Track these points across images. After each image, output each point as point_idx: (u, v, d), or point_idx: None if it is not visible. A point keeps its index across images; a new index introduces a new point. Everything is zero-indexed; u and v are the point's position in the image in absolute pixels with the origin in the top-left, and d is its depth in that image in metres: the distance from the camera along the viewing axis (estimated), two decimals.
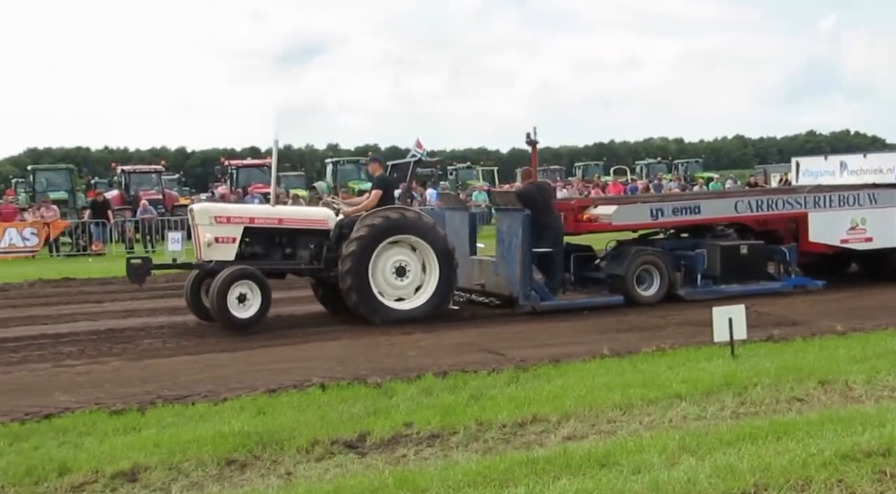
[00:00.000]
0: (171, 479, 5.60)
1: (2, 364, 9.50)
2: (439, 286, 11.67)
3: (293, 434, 6.33)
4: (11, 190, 40.25)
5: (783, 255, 13.58)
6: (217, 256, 11.30)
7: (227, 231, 11.42)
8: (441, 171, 47.19)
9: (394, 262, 11.55)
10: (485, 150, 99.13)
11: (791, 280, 13.53)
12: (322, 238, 11.78)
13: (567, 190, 37.18)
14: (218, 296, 10.77)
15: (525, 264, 11.82)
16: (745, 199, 13.74)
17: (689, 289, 12.90)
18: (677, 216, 13.19)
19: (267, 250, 11.79)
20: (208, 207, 12.32)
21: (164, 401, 7.52)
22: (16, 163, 77.71)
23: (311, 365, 9.01)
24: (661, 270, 12.68)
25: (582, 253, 13.42)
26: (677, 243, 13.55)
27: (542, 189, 12.96)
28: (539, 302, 11.96)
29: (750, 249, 13.30)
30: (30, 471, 5.65)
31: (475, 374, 8.26)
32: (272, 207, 12.47)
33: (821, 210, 13.75)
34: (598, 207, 13.32)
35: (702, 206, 13.39)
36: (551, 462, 5.41)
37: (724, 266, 13.02)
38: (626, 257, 12.70)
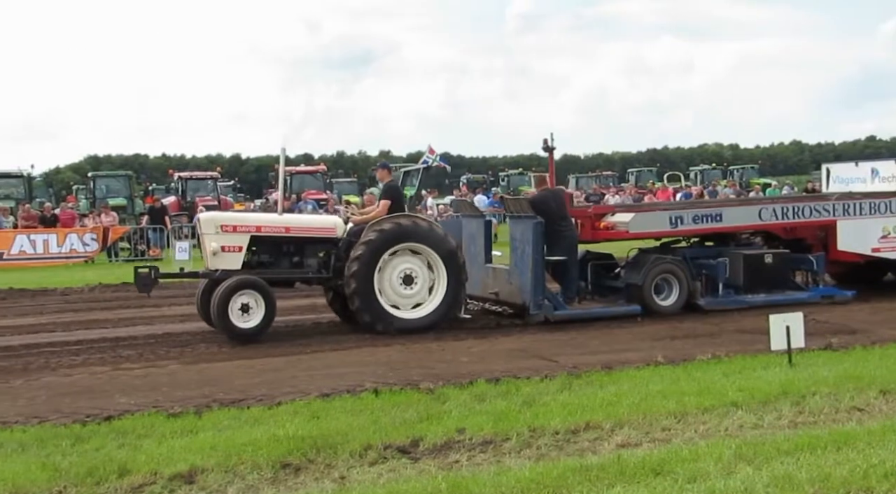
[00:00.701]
0: (227, 482, 5.68)
1: (63, 366, 9.72)
2: (448, 295, 11.47)
3: (346, 439, 6.37)
4: (73, 196, 41.18)
5: (810, 264, 13.17)
6: (223, 265, 11.18)
7: (234, 240, 11.27)
8: (493, 177, 47.20)
9: (401, 271, 11.37)
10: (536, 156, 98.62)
11: (818, 290, 13.11)
12: (330, 246, 11.62)
13: (620, 196, 36.94)
14: (219, 306, 10.65)
15: (537, 272, 11.56)
16: (769, 207, 13.27)
17: (709, 299, 12.57)
18: (698, 224, 12.80)
19: (274, 259, 11.63)
20: (214, 216, 12.12)
21: (220, 405, 7.62)
22: (77, 170, 79.54)
23: (364, 370, 9.07)
24: (679, 279, 12.37)
25: (601, 262, 13.14)
26: (698, 251, 13.17)
27: (556, 196, 12.59)
28: (552, 312, 11.68)
29: (775, 258, 12.91)
30: (91, 472, 5.77)
31: (528, 381, 8.25)
32: (279, 216, 12.22)
33: (850, 218, 13.28)
34: (615, 215, 13.03)
35: (724, 214, 12.96)
36: (605, 470, 5.38)
37: (747, 275, 12.64)
38: (643, 266, 12.40)
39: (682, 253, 12.90)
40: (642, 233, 12.82)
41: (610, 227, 12.68)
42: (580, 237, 12.71)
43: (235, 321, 10.70)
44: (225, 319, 10.67)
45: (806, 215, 13.26)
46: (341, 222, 11.94)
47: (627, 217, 12.71)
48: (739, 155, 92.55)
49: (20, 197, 31.05)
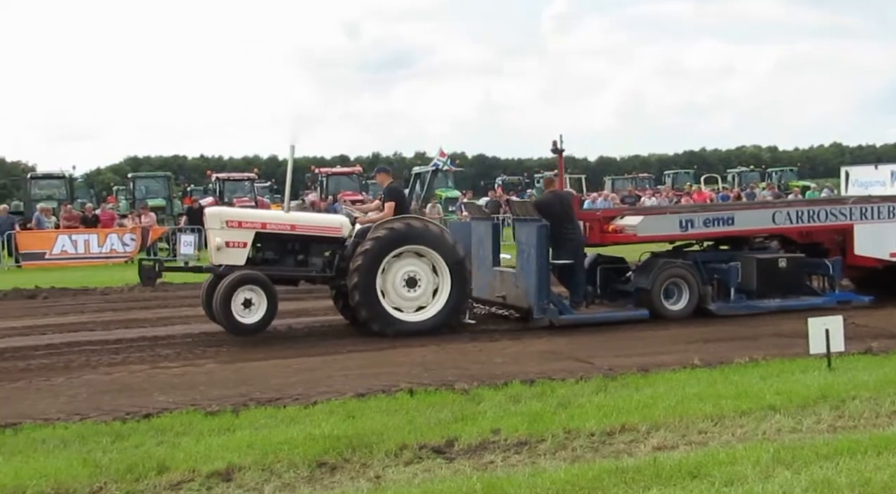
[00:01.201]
0: (264, 480, 5.72)
1: (104, 365, 9.86)
2: (451, 297, 11.37)
3: (382, 439, 6.40)
4: (113, 197, 41.72)
5: (826, 269, 12.90)
6: (227, 260, 11.18)
7: (238, 235, 11.27)
8: (528, 179, 47.13)
9: (404, 273, 11.28)
10: (572, 158, 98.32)
11: (834, 295, 12.84)
12: (336, 246, 11.58)
13: (656, 198, 36.70)
14: (222, 301, 10.68)
15: (541, 276, 11.43)
16: (783, 210, 13.02)
17: (720, 304, 12.36)
18: (709, 227, 12.56)
19: (279, 256, 11.60)
20: (219, 211, 12.11)
21: (257, 404, 7.68)
22: (117, 171, 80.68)
23: (399, 370, 9.10)
24: (689, 284, 12.19)
25: (612, 266, 12.93)
26: (710, 255, 12.95)
27: (562, 199, 12.45)
28: (557, 316, 11.54)
29: (789, 262, 12.66)
30: (131, 468, 5.84)
31: (562, 382, 8.23)
32: (285, 213, 12.09)
33: (867, 222, 13.02)
34: (624, 218, 12.76)
35: (736, 217, 12.71)
36: (641, 472, 5.36)
37: (760, 280, 12.42)
38: (652, 270, 12.23)
39: (693, 257, 12.69)
40: (651, 236, 12.61)
41: (618, 231, 12.48)
42: (588, 240, 12.55)
43: (238, 316, 10.72)
44: (228, 314, 10.69)
45: (821, 219, 12.99)
46: (347, 222, 11.84)
47: (636, 220, 12.51)
48: (778, 157, 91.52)
49: (62, 197, 31.55)
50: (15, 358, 10.27)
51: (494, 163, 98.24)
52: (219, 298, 10.74)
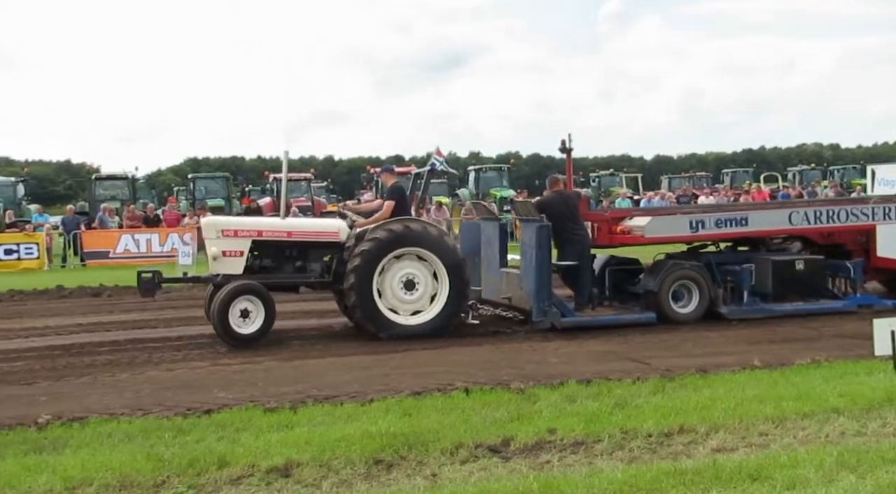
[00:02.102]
0: (321, 476, 5.78)
1: (166, 361, 10.06)
2: (449, 300, 11.18)
3: (438, 437, 6.43)
4: (174, 197, 42.52)
5: (847, 271, 12.50)
6: (224, 270, 11.14)
7: (235, 244, 11.21)
8: (583, 178, 46.81)
9: (402, 276, 11.14)
10: (628, 157, 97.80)
11: (855, 298, 12.43)
12: (334, 250, 11.47)
13: (714, 197, 36.19)
14: (219, 312, 10.61)
15: (541, 277, 11.21)
16: (800, 211, 12.58)
17: (732, 307, 12.03)
18: (721, 229, 12.21)
19: (277, 263, 11.52)
20: (215, 220, 11.97)
21: (314, 401, 7.77)
22: (177, 172, 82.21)
23: (454, 369, 9.12)
24: (700, 286, 11.89)
25: (623, 267, 12.65)
26: (724, 257, 12.65)
27: (566, 199, 12.15)
28: (559, 319, 11.31)
29: (807, 264, 12.28)
30: (192, 463, 5.95)
31: (619, 382, 8.18)
32: (281, 220, 12.02)
33: (891, 222, 12.59)
34: (633, 219, 12.45)
35: (750, 218, 12.34)
36: (700, 474, 5.30)
37: (776, 282, 12.04)
38: (660, 271, 11.96)
39: (707, 259, 12.38)
40: (659, 237, 12.26)
41: (627, 232, 12.20)
42: (596, 242, 12.33)
43: (235, 326, 10.66)
44: (225, 325, 10.64)
45: (842, 219, 12.58)
46: (345, 226, 11.69)
47: (643, 221, 12.16)
48: (840, 155, 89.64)
49: (125, 198, 32.22)
50: (81, 354, 10.53)
51: (549, 162, 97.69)
52: (216, 309, 10.68)
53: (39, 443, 6.60)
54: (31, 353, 10.67)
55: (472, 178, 40.13)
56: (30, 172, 42.41)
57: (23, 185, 33.56)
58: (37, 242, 24.04)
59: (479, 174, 40.20)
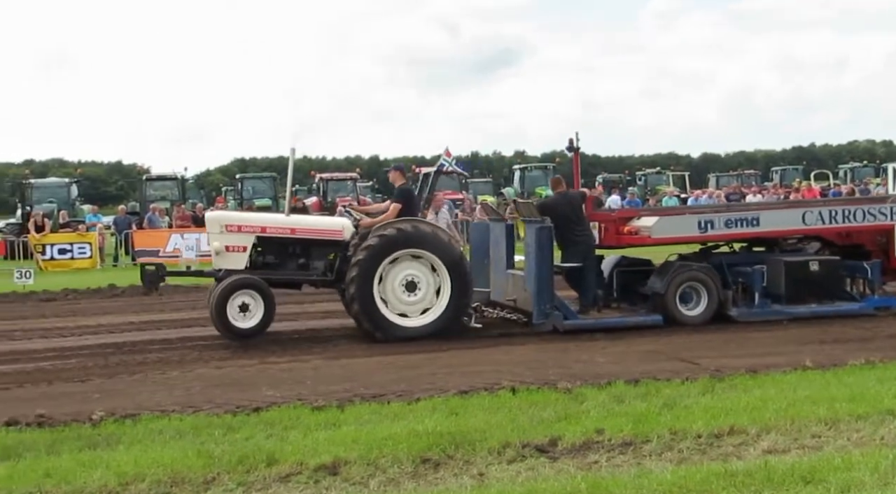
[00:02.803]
0: (369, 474, 5.81)
1: (215, 359, 10.20)
2: (451, 302, 11.06)
3: (485, 436, 6.42)
4: (222, 197, 43.06)
5: (865, 272, 12.11)
6: (227, 265, 11.14)
7: (238, 240, 11.23)
8: (629, 177, 46.48)
9: (404, 277, 11.02)
10: (674, 155, 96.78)
11: (873, 300, 12.05)
12: (337, 249, 11.42)
13: (762, 195, 35.68)
14: (217, 305, 10.65)
15: (541, 279, 11.02)
16: (814, 210, 12.20)
17: (742, 310, 11.73)
18: (731, 229, 11.88)
19: (280, 260, 11.50)
20: (219, 215, 12.02)
21: (361, 399, 7.81)
22: (225, 172, 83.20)
23: (501, 368, 9.11)
24: (708, 288, 11.61)
25: (634, 268, 12.40)
26: (735, 258, 12.37)
27: (570, 200, 12.00)
28: (562, 322, 11.13)
29: (822, 265, 11.92)
30: (242, 460, 6.02)
31: (667, 382, 8.10)
32: (286, 216, 11.91)
33: None
34: (640, 219, 12.20)
35: (761, 218, 12.00)
36: (751, 476, 5.23)
37: (789, 284, 11.72)
38: (667, 273, 11.71)
39: (719, 260, 12.12)
40: (666, 238, 11.97)
41: (634, 232, 11.96)
42: (604, 242, 12.17)
43: (234, 320, 10.70)
44: (223, 318, 10.68)
45: (858, 219, 12.18)
46: (349, 224, 11.62)
47: (650, 221, 11.92)
48: (893, 152, 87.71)
49: (174, 198, 32.70)
50: (133, 352, 10.71)
51: (594, 160, 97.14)
52: (214, 303, 10.72)
53: (93, 439, 6.74)
54: (85, 351, 10.88)
55: (517, 177, 40.11)
56: (83, 173, 43.16)
57: (76, 186, 34.25)
58: (90, 242, 24.49)
59: (525, 173, 40.16)
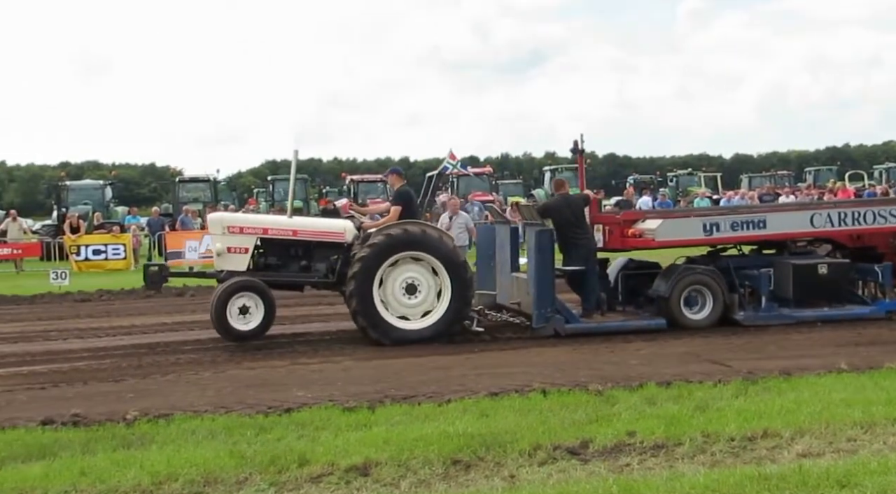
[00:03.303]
0: (400, 475, 5.82)
1: (247, 360, 10.26)
2: (452, 305, 10.96)
3: (515, 438, 6.41)
4: (253, 199, 43.35)
5: (875, 275, 11.87)
6: (228, 266, 11.17)
7: (240, 241, 11.25)
8: (660, 178, 46.21)
9: (404, 280, 10.95)
10: (706, 156, 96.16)
11: (884, 304, 11.83)
12: (339, 251, 11.36)
13: (796, 196, 35.31)
14: (217, 307, 10.65)
15: (541, 283, 10.90)
16: (823, 212, 11.96)
17: (748, 313, 11.55)
18: (737, 231, 11.70)
19: (282, 262, 11.50)
20: (221, 217, 12.05)
21: (392, 400, 7.82)
22: (256, 174, 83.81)
23: (532, 370, 9.08)
24: (713, 291, 11.46)
25: (641, 271, 12.22)
26: (743, 261, 12.19)
27: (571, 202, 11.85)
28: (563, 325, 11.02)
29: (831, 268, 11.70)
30: (273, 460, 6.06)
31: (700, 385, 8.03)
32: (288, 218, 11.99)
33: None
34: (645, 221, 11.99)
35: (768, 220, 11.79)
36: (785, 480, 5.18)
37: (797, 287, 11.51)
38: (671, 276, 11.56)
39: (726, 262, 11.95)
40: (671, 241, 11.78)
41: (638, 235, 11.79)
42: (608, 245, 12.03)
43: (233, 323, 10.70)
44: (222, 320, 10.69)
45: (868, 221, 11.93)
46: (351, 226, 11.60)
47: (654, 223, 11.72)
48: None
49: (207, 200, 32.98)
50: (166, 352, 10.81)
51: (626, 161, 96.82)
52: (214, 305, 10.70)
53: (128, 439, 6.81)
54: (119, 351, 11.00)
55: (548, 179, 39.95)
56: (117, 175, 43.73)
57: (110, 188, 34.67)
58: (124, 243, 24.76)
59: (555, 174, 39.96)
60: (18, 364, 10.44)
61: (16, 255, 24.74)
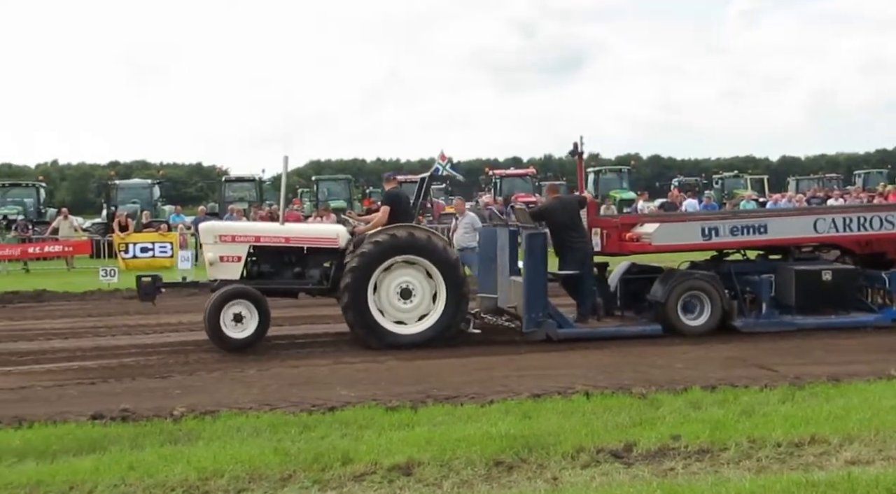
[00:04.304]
0: (442, 476, 5.83)
1: (291, 358, 10.37)
2: (447, 309, 10.86)
3: (558, 440, 6.39)
4: (298, 199, 43.65)
5: (882, 282, 11.56)
6: (221, 275, 11.07)
7: (232, 250, 11.15)
8: (706, 180, 45.69)
9: (398, 284, 10.86)
10: (752, 158, 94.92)
11: (891, 312, 11.50)
12: (333, 256, 11.29)
13: (845, 199, 34.72)
14: (210, 316, 10.53)
15: (531, 287, 10.78)
16: (827, 218, 11.75)
17: (748, 320, 11.35)
18: (736, 236, 11.50)
19: (276, 269, 11.41)
20: (212, 226, 11.96)
21: (435, 401, 7.84)
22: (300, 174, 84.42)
23: (575, 372, 9.05)
24: (711, 297, 11.24)
25: (641, 276, 11.99)
26: (745, 266, 11.94)
27: (566, 206, 11.72)
28: (555, 330, 10.89)
29: (835, 275, 11.45)
30: (317, 458, 6.10)
31: (746, 389, 7.95)
32: (280, 225, 11.95)
33: None
34: (643, 225, 11.81)
35: (769, 225, 11.57)
36: (834, 487, 5.10)
37: (800, 293, 11.29)
38: (668, 281, 11.34)
39: (728, 268, 11.74)
40: (668, 245, 11.57)
41: (635, 239, 11.58)
42: (606, 249, 11.88)
43: (228, 331, 10.55)
44: (216, 329, 10.55)
45: (874, 227, 11.66)
46: (344, 232, 11.53)
47: (651, 228, 11.54)
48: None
49: (252, 199, 33.30)
50: (212, 349, 10.91)
51: (670, 163, 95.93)
52: (207, 314, 10.61)
53: (175, 434, 6.90)
54: (166, 348, 11.18)
55: (591, 180, 39.69)
56: (165, 175, 44.34)
57: (158, 187, 35.15)
58: (171, 241, 25.07)
59: (599, 176, 39.73)
60: (69, 359, 10.66)
61: (67, 253, 25.16)
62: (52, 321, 14.23)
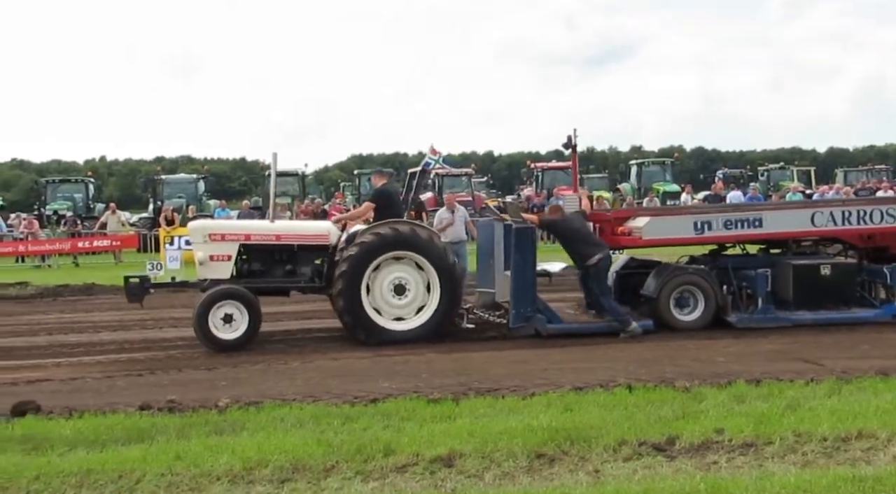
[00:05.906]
0: (484, 467, 5.84)
1: (333, 350, 10.46)
2: (441, 305, 10.78)
3: (600, 433, 6.37)
4: (340, 192, 43.93)
5: (883, 277, 11.26)
6: (211, 274, 10.96)
7: (222, 248, 11.04)
8: (751, 172, 45.11)
9: (392, 280, 10.79)
10: (798, 150, 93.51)
11: (892, 307, 11.21)
12: (324, 254, 11.23)
13: (894, 190, 34.07)
14: (198, 317, 10.39)
15: (520, 282, 10.66)
16: (825, 211, 11.45)
17: (742, 315, 11.13)
18: (730, 230, 11.25)
19: (266, 267, 11.31)
20: (202, 225, 11.83)
21: (476, 393, 7.85)
22: (342, 168, 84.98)
23: (616, 366, 9.02)
24: (705, 292, 11.04)
25: (637, 271, 11.82)
26: (741, 261, 11.68)
27: (568, 223, 11.45)
28: (545, 325, 10.76)
29: (834, 269, 11.18)
30: (360, 450, 6.15)
31: (791, 383, 7.86)
32: (270, 223, 11.81)
33: None
34: (635, 219, 11.63)
35: (764, 219, 11.33)
36: (882, 483, 5.03)
37: (798, 288, 11.04)
38: (661, 276, 11.13)
39: (724, 262, 11.51)
40: (659, 239, 11.36)
41: (627, 233, 11.39)
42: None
43: (217, 332, 10.43)
44: (205, 331, 10.42)
45: (875, 220, 11.36)
46: (335, 229, 11.46)
47: (642, 222, 11.35)
48: None
49: (295, 193, 33.56)
50: (256, 342, 11.00)
51: (714, 155, 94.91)
52: (195, 315, 10.51)
53: (220, 425, 7.00)
54: None
55: (634, 173, 39.40)
56: (209, 170, 44.81)
57: (203, 182, 35.56)
58: None
59: (642, 168, 39.41)
60: (118, 351, 10.88)
61: (115, 247, 25.58)
62: (100, 313, 14.52)
